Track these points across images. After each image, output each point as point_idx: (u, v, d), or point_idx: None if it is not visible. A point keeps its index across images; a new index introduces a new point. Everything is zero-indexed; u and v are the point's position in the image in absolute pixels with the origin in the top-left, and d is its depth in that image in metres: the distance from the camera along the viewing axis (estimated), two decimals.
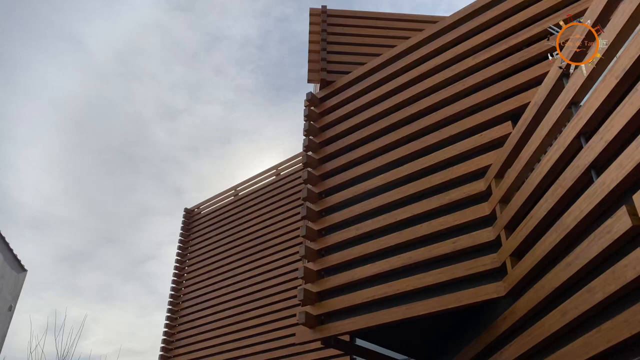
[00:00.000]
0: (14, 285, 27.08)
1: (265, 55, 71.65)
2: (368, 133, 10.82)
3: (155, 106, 74.59)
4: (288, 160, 21.84)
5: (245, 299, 19.67)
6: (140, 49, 70.37)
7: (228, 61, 71.81)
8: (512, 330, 7.26)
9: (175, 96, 74.26)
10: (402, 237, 9.12)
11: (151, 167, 73.57)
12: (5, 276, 25.51)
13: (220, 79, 71.36)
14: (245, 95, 69.14)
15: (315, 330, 9.60)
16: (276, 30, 75.13)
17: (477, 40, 9.89)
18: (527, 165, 7.14)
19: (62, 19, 66.76)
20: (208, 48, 73.49)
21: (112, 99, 69.44)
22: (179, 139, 72.49)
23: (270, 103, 70.61)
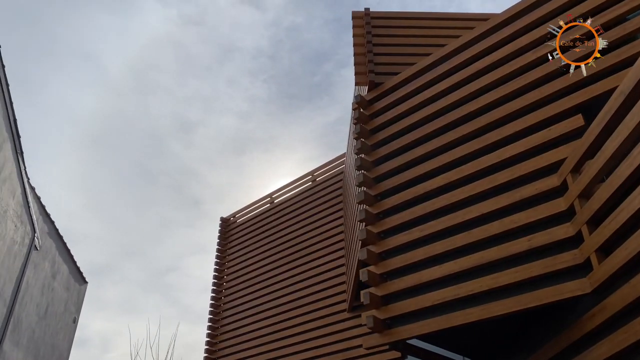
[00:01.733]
0: (77, 297, 27.25)
1: (277, 64, 72.02)
2: (424, 133, 10.67)
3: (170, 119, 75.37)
4: (324, 165, 21.75)
5: (286, 307, 19.56)
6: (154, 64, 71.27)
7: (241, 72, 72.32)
8: (603, 327, 7.03)
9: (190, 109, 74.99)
10: (471, 237, 8.94)
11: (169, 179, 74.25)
12: (70, 288, 25.70)
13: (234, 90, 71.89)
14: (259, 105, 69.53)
15: (383, 334, 9.45)
16: (287, 40, 75.53)
17: (537, 34, 9.71)
18: (613, 158, 6.92)
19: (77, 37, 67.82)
20: (221, 60, 74.12)
21: (128, 113, 70.34)
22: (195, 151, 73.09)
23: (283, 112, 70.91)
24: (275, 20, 73.01)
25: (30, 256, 17.87)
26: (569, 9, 9.54)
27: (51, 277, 21.99)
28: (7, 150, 16.52)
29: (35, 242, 18.49)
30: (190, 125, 73.03)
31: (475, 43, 10.72)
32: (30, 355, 21.04)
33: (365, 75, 12.47)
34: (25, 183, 17.98)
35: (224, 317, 22.27)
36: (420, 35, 12.93)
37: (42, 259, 20.75)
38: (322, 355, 17.34)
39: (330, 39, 78.45)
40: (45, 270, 21.37)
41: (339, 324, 17.41)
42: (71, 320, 25.77)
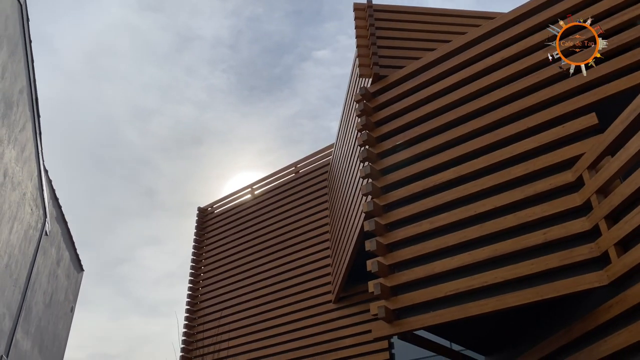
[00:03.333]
0: (75, 285, 25.94)
1: (237, 55, 70.72)
2: (433, 126, 10.78)
3: (126, 107, 73.12)
4: (307, 157, 21.67)
5: (269, 298, 19.43)
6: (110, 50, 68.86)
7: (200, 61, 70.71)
8: (620, 318, 7.31)
9: (146, 96, 72.91)
10: (484, 230, 9.12)
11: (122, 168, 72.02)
12: (70, 276, 24.40)
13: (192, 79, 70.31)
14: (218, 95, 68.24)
15: (393, 325, 9.52)
16: (247, 30, 74.25)
17: (548, 34, 9.93)
18: (636, 156, 7.19)
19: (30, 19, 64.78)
20: (179, 48, 72.28)
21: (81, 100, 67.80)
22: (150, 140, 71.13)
23: (243, 103, 69.80)
24: (235, 9, 71.68)
25: (41, 242, 16.97)
26: (580, 10, 9.82)
27: (56, 263, 20.86)
28: (29, 131, 15.58)
29: (46, 227, 17.58)
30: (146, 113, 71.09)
31: (484, 40, 10.89)
32: (36, 346, 19.94)
33: (369, 67, 12.49)
34: (42, 165, 17.06)
35: (201, 308, 21.92)
36: (423, 30, 13.04)
37: (50, 245, 19.64)
38: (307, 346, 17.33)
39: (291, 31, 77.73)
40: (52, 257, 20.26)
41: (325, 314, 17.43)
42: (69, 309, 24.66)
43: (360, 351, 16.04)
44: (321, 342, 17.06)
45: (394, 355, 15.61)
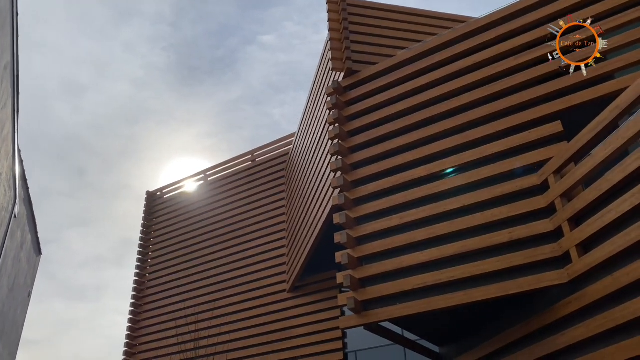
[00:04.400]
0: (33, 269, 24.10)
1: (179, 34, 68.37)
2: (405, 124, 11.07)
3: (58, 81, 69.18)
4: (265, 146, 21.60)
5: (220, 286, 19.33)
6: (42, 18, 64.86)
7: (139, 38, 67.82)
8: (578, 314, 7.88)
9: (80, 71, 69.22)
10: (453, 227, 9.51)
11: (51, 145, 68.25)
12: (30, 260, 22.61)
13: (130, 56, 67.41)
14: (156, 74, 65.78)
15: (361, 316, 9.78)
16: (191, 9, 71.72)
17: (519, 42, 10.44)
18: (602, 164, 7.74)
19: None
20: (117, 23, 68.92)
21: None
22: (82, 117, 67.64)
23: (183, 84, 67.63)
24: None
25: (10, 224, 15.69)
26: (551, 21, 10.36)
27: (20, 247, 19.31)
28: (9, 109, 14.29)
29: (15, 209, 16.28)
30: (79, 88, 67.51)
31: (457, 43, 11.26)
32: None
33: (342, 61, 12.61)
34: (17, 145, 15.72)
35: (148, 295, 21.47)
36: (395, 28, 13.29)
37: (16, 228, 18.19)
38: (260, 335, 17.41)
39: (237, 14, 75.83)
40: (17, 240, 18.79)
41: (278, 304, 17.56)
42: (27, 294, 22.96)
43: (313, 340, 16.31)
44: (274, 330, 17.18)
45: (347, 345, 15.99)
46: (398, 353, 14.76)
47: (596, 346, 7.45)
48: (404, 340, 11.99)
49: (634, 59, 9.17)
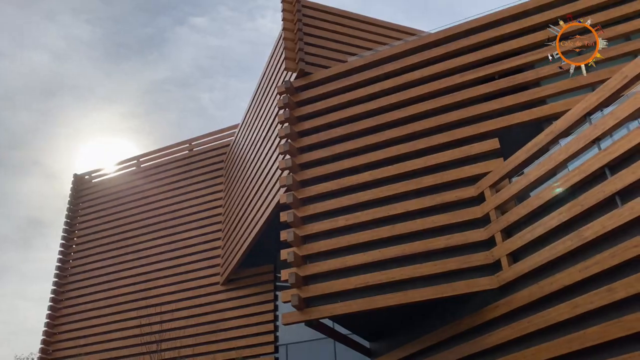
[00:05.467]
0: None
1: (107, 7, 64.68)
2: (353, 130, 11.50)
3: None
4: (204, 136, 21.31)
5: (150, 276, 18.92)
6: None
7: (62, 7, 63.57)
8: (505, 317, 8.68)
9: None
10: (394, 230, 10.07)
11: None
12: None
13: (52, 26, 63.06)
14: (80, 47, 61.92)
15: (303, 312, 10.12)
16: None
17: (465, 60, 11.16)
18: (535, 182, 8.55)
19: None
20: None
21: None
22: None
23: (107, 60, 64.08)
24: None
25: None
26: (496, 43, 11.16)
27: None
28: None
29: None
30: None
31: (408, 55, 11.81)
32: None
33: (295, 62, 12.83)
34: None
35: (70, 282, 20.61)
36: (347, 34, 13.66)
37: None
38: (191, 326, 17.29)
39: None
40: None
41: (211, 296, 17.52)
42: None
43: (246, 332, 16.44)
44: (206, 322, 17.14)
45: (278, 338, 16.28)
46: (328, 347, 15.25)
47: (520, 347, 8.25)
48: (337, 335, 12.44)
49: (564, 87, 10.12)
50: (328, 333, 11.58)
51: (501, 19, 11.35)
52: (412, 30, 14.27)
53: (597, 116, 7.70)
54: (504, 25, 11.27)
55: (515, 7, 11.29)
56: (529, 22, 11.02)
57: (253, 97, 16.73)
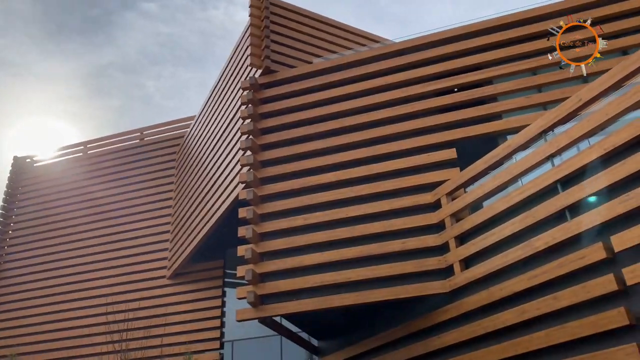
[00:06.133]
0: None
1: None
2: (318, 130, 11.64)
3: None
4: (156, 126, 20.85)
5: (92, 266, 18.35)
6: None
7: None
8: (455, 320, 9.06)
9: None
10: (353, 232, 10.28)
11: None
12: None
13: None
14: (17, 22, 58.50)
15: (258, 309, 10.16)
16: None
17: (427, 71, 11.56)
18: (490, 192, 8.99)
19: None
20: None
21: None
22: None
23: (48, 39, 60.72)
24: None
25: None
26: (458, 57, 11.61)
27: None
28: None
29: None
30: None
31: (372, 62, 12.09)
32: None
33: (260, 58, 12.83)
34: None
35: (5, 270, 19.61)
36: (314, 36, 13.79)
37: None
38: (136, 319, 16.83)
39: None
40: None
41: (157, 289, 17.19)
42: None
43: (191, 328, 16.25)
44: (151, 316, 16.77)
45: (224, 334, 16.18)
46: (275, 344, 15.32)
47: (468, 349, 8.66)
48: (287, 332, 12.53)
49: (519, 104, 10.68)
50: (278, 330, 11.67)
51: (463, 34, 11.82)
52: (377, 38, 14.59)
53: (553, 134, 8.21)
54: (466, 40, 11.74)
55: (478, 24, 11.79)
56: (490, 39, 11.54)
57: (213, 90, 16.55)
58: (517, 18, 11.57)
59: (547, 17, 11.41)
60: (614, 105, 7.22)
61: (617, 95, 7.28)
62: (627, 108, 7.08)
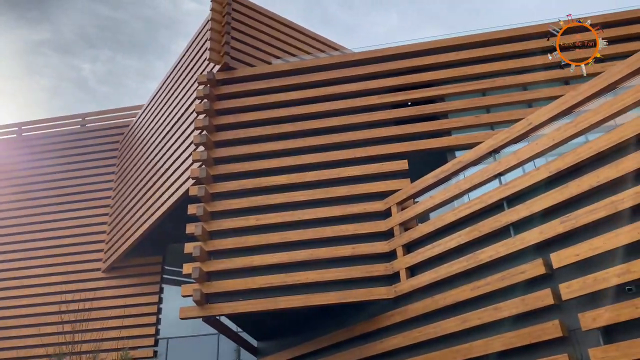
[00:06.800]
0: None
1: None
2: (274, 132, 11.69)
3: None
4: (100, 112, 20.08)
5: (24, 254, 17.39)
6: None
7: None
8: (398, 325, 9.38)
9: None
10: (304, 235, 10.42)
11: None
12: None
13: None
14: None
15: (203, 308, 10.06)
16: None
17: (383, 83, 11.91)
18: (439, 205, 9.40)
19: None
20: None
21: None
22: None
23: None
24: None
25: None
26: (413, 72, 12.03)
27: None
28: None
29: None
30: None
31: (332, 69, 12.29)
32: None
33: (220, 54, 12.72)
34: None
35: None
36: (274, 37, 13.81)
37: None
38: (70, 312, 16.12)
39: None
40: None
41: (92, 282, 16.52)
42: None
43: (126, 323, 15.74)
44: (85, 309, 16.07)
45: (159, 331, 15.82)
46: (212, 343, 15.15)
47: (409, 354, 8.98)
48: (227, 331, 12.42)
49: (468, 123, 11.22)
50: (220, 329, 11.58)
51: (420, 51, 12.26)
52: (336, 46, 14.83)
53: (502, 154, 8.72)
54: (422, 57, 12.18)
55: (434, 42, 12.28)
56: (444, 58, 12.04)
57: (164, 82, 16.17)
58: (470, 40, 12.14)
59: (496, 42, 12.06)
60: (561, 132, 7.79)
61: (564, 122, 7.84)
62: (572, 135, 7.66)
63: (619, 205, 6.70)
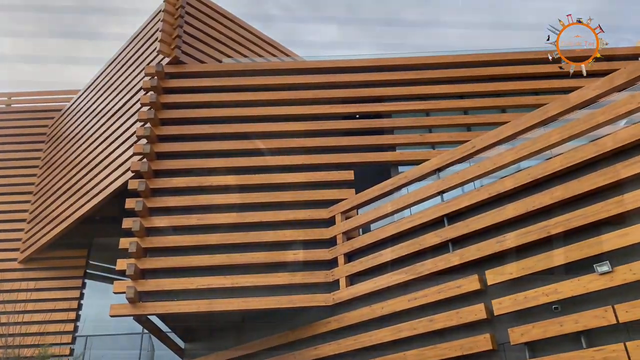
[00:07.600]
0: None
1: None
2: (222, 131, 11.54)
3: None
4: (28, 94, 18.86)
5: None
6: None
7: None
8: (334, 333, 9.52)
9: None
10: (246, 238, 10.35)
11: None
12: None
13: None
14: None
15: (135, 306, 9.74)
16: None
17: (334, 94, 12.11)
18: (382, 217, 9.67)
19: None
20: None
21: None
22: None
23: None
24: None
25: None
26: (364, 87, 12.32)
27: None
28: None
29: None
30: None
31: (285, 75, 12.34)
32: None
33: (170, 47, 12.41)
34: None
35: None
36: (226, 35, 13.64)
37: None
38: None
39: None
40: None
41: (7, 272, 15.46)
42: None
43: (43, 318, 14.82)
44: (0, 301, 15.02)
45: (78, 328, 15.04)
46: (135, 342, 14.62)
47: None
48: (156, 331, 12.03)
49: (412, 140, 11.63)
50: (149, 329, 11.21)
51: (370, 66, 12.60)
52: (288, 52, 14.88)
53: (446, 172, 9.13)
54: (372, 72, 12.51)
55: (384, 60, 12.67)
56: (393, 76, 12.43)
57: (105, 68, 15.49)
58: (418, 62, 12.60)
59: (442, 66, 12.57)
60: (503, 157, 8.29)
61: (506, 148, 8.36)
62: (512, 161, 8.17)
63: (551, 229, 7.23)
